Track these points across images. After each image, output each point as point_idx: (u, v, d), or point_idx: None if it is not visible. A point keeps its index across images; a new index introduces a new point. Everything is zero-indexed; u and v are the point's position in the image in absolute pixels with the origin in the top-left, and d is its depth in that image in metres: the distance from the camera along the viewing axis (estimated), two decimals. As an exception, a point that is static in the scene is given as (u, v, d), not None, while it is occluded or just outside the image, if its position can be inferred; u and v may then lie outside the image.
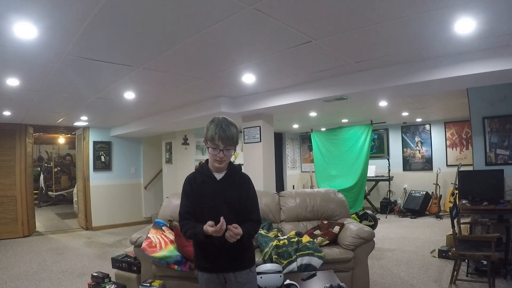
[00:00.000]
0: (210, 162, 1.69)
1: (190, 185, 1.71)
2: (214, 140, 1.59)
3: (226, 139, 1.59)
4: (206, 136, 1.64)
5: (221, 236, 1.53)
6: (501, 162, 4.00)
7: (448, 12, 2.13)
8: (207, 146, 1.65)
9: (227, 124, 1.61)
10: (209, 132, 1.61)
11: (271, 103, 4.26)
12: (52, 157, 11.53)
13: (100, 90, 3.96)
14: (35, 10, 1.97)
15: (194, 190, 1.69)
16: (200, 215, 1.64)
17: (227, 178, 1.71)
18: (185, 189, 1.72)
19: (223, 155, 1.61)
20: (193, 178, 1.72)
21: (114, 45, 2.58)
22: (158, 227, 3.39)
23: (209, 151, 1.63)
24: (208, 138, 1.62)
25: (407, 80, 3.20)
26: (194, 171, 1.78)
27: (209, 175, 1.70)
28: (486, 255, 3.03)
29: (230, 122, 1.63)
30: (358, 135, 6.06)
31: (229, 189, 1.68)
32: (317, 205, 3.74)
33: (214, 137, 1.59)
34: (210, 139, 1.60)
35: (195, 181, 1.70)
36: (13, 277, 3.89)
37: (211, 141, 1.60)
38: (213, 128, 1.60)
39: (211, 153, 1.63)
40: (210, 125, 1.62)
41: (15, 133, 6.17)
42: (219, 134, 1.58)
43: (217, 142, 1.59)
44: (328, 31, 2.42)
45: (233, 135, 1.61)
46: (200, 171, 1.73)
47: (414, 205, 7.28)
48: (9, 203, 6.03)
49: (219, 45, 2.65)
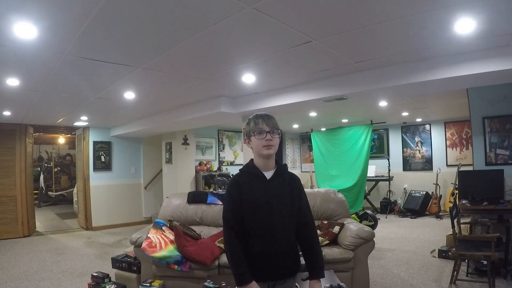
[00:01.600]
0: (257, 153, 1.56)
1: (238, 188, 1.54)
2: (258, 124, 1.52)
3: (270, 122, 1.54)
4: (249, 128, 1.56)
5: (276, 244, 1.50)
6: (501, 162, 4.00)
7: (448, 12, 2.13)
8: (250, 138, 1.56)
9: (267, 114, 1.58)
10: (250, 123, 1.56)
11: (271, 103, 4.26)
12: (52, 157, 11.52)
13: (100, 90, 3.96)
14: (35, 10, 1.97)
15: (242, 192, 1.53)
16: (249, 219, 1.52)
17: (277, 177, 1.58)
18: (231, 192, 1.55)
19: (271, 137, 1.52)
20: (240, 178, 1.58)
21: (114, 45, 2.58)
22: (158, 227, 3.39)
23: (256, 138, 1.52)
24: (251, 129, 1.54)
25: (407, 80, 3.20)
26: (239, 171, 1.62)
27: (258, 173, 1.56)
28: (486, 255, 3.03)
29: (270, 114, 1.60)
30: (358, 135, 6.05)
31: (281, 189, 1.57)
32: (317, 205, 3.74)
33: (257, 121, 1.53)
34: (254, 126, 1.54)
35: (243, 181, 1.56)
36: (13, 277, 3.89)
37: (255, 127, 1.53)
38: (253, 118, 1.56)
39: (258, 138, 1.52)
40: (250, 120, 1.58)
41: (15, 133, 6.17)
42: (262, 119, 1.54)
43: (261, 126, 1.52)
44: (328, 31, 2.42)
45: (275, 121, 1.57)
46: (246, 170, 1.60)
47: (414, 205, 7.28)
48: (9, 203, 6.03)
49: (219, 45, 2.65)
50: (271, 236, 1.52)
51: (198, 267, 2.98)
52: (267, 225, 1.51)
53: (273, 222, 1.52)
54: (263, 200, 1.53)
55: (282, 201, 1.55)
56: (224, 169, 7.78)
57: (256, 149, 1.55)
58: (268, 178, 1.57)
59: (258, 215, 1.52)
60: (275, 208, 1.53)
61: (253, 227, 1.52)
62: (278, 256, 1.54)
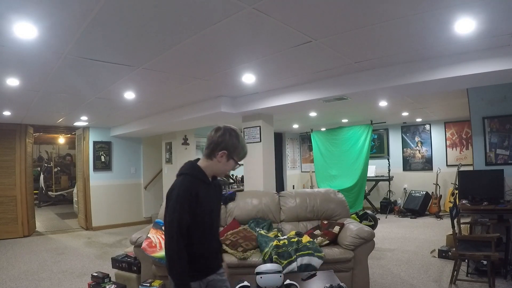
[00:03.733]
0: (219, 171, 1.64)
1: (196, 196, 1.52)
2: (241, 158, 1.65)
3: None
4: (237, 152, 1.60)
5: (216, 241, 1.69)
6: (501, 162, 4.00)
7: (448, 12, 2.13)
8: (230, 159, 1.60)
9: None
10: (243, 149, 1.63)
11: (271, 103, 4.26)
12: (52, 157, 11.53)
13: (100, 90, 3.96)
14: (35, 10, 1.97)
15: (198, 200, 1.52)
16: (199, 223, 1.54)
17: (214, 183, 1.66)
18: (189, 199, 1.50)
19: None
20: (195, 186, 1.55)
21: (114, 45, 2.58)
22: (158, 227, 3.39)
23: (228, 163, 1.61)
24: (239, 155, 1.62)
25: (407, 80, 3.20)
26: (192, 175, 1.58)
27: (207, 181, 1.61)
28: (486, 255, 3.03)
29: None
30: (358, 135, 6.06)
31: (217, 194, 1.71)
32: (317, 205, 3.74)
33: (243, 155, 1.65)
34: (242, 157, 1.64)
35: (199, 190, 1.54)
36: (13, 277, 3.89)
37: (240, 158, 1.64)
38: (244, 147, 1.64)
39: (229, 166, 1.62)
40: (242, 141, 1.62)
41: (15, 133, 6.17)
42: (246, 153, 1.66)
43: (241, 160, 1.66)
44: (328, 31, 2.42)
45: None
46: (198, 176, 1.58)
47: (414, 205, 7.28)
48: (9, 203, 6.03)
49: (219, 45, 2.65)
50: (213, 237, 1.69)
51: (198, 267, 2.98)
52: (212, 227, 1.62)
53: (213, 223, 1.67)
54: (210, 205, 1.61)
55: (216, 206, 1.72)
56: (224, 169, 7.76)
57: (223, 168, 1.63)
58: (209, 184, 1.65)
59: (207, 219, 1.60)
60: (215, 210, 1.68)
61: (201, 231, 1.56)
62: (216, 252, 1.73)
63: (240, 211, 3.75)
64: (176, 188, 1.53)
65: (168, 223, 1.48)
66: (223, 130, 1.60)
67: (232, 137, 1.59)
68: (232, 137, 1.59)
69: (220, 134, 1.59)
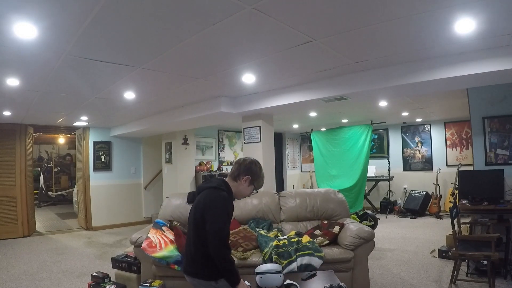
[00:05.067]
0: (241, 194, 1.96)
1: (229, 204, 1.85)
2: (259, 187, 1.98)
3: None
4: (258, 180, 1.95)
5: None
6: (501, 162, 3.99)
7: (448, 12, 2.13)
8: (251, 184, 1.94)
9: None
10: (262, 180, 1.98)
11: (271, 103, 4.26)
12: (52, 157, 11.53)
13: (100, 90, 3.96)
14: (35, 10, 1.97)
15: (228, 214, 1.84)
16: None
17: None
18: (230, 212, 1.84)
19: None
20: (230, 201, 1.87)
21: (114, 45, 2.58)
22: (158, 227, 3.39)
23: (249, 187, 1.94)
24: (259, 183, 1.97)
25: (407, 80, 3.20)
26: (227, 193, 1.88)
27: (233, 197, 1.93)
28: (486, 255, 3.03)
29: None
30: (358, 135, 6.05)
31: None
32: (317, 205, 3.74)
33: (261, 185, 1.99)
34: (259, 185, 1.97)
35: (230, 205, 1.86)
36: (13, 277, 3.89)
37: (259, 185, 1.97)
38: (263, 178, 1.99)
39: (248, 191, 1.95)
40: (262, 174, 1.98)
41: (15, 133, 6.17)
42: (262, 185, 2.00)
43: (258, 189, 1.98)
44: (328, 31, 2.42)
45: None
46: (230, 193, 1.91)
47: (414, 205, 7.28)
48: (9, 203, 6.03)
49: (219, 45, 2.65)
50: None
51: (198, 267, 2.98)
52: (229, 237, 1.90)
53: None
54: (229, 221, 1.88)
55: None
56: (224, 169, 7.78)
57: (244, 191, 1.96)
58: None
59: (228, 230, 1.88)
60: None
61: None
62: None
63: (240, 211, 3.75)
64: (218, 200, 1.81)
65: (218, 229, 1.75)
66: (250, 160, 1.98)
67: (257, 167, 1.97)
68: (257, 168, 1.96)
69: (248, 162, 1.96)
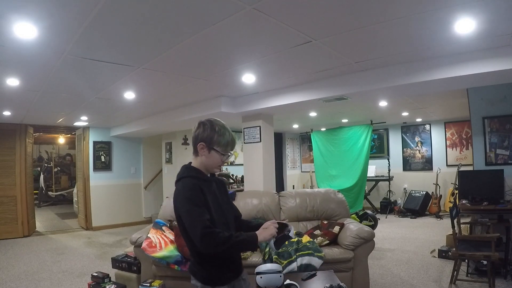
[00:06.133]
0: (210, 166, 1.57)
1: (201, 191, 1.48)
2: (227, 147, 1.55)
3: (234, 146, 1.60)
4: (217, 141, 1.53)
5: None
6: (501, 162, 4.00)
7: (448, 12, 2.13)
8: (211, 150, 1.53)
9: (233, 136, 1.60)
10: (223, 137, 1.53)
11: (271, 103, 4.26)
12: (52, 157, 11.53)
13: (100, 90, 3.96)
14: (35, 10, 1.97)
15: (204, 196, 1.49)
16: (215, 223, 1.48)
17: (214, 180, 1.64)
18: (196, 196, 1.45)
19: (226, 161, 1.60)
20: (198, 183, 1.50)
21: (114, 45, 2.58)
22: (158, 227, 3.39)
23: (220, 157, 1.55)
24: (220, 144, 1.53)
25: (407, 80, 3.20)
26: (190, 176, 1.54)
27: (208, 179, 1.58)
28: (486, 255, 3.03)
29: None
30: (358, 135, 6.06)
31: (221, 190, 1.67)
32: (317, 205, 3.74)
33: (229, 143, 1.55)
34: (224, 145, 1.54)
35: (202, 187, 1.50)
36: (13, 277, 3.89)
37: (224, 147, 1.54)
38: (227, 134, 1.55)
39: (221, 159, 1.56)
40: (219, 129, 1.54)
41: (15, 133, 6.17)
42: (233, 140, 1.57)
43: (231, 150, 1.58)
44: (328, 31, 2.42)
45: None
46: (196, 176, 1.54)
47: (414, 205, 7.28)
48: (9, 203, 6.03)
49: (219, 45, 2.65)
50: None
51: (198, 267, 2.98)
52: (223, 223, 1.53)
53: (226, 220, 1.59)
54: (216, 201, 1.56)
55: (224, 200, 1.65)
56: (224, 169, 7.78)
57: (209, 161, 1.56)
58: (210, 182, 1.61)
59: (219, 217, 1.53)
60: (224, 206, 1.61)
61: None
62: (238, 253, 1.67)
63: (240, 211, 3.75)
64: (180, 192, 1.48)
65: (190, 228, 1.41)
66: (197, 124, 1.58)
67: (207, 128, 1.54)
68: (207, 128, 1.54)
69: (195, 128, 1.57)
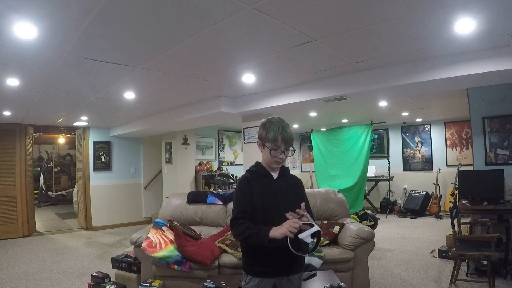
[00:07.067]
0: (267, 162, 1.65)
1: (248, 183, 1.61)
2: (276, 142, 1.58)
3: (288, 141, 1.60)
4: (266, 137, 1.60)
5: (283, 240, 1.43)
6: (501, 162, 4.00)
7: (448, 12, 2.13)
8: (264, 146, 1.62)
9: (287, 125, 1.62)
10: (270, 133, 1.58)
11: (271, 103, 4.26)
12: (52, 157, 11.53)
13: (100, 90, 3.96)
14: (35, 10, 1.97)
15: (252, 188, 1.60)
16: (259, 216, 1.56)
17: (282, 178, 1.68)
18: (242, 188, 1.61)
19: (284, 156, 1.61)
20: (251, 176, 1.64)
21: (114, 45, 2.58)
22: (158, 227, 3.39)
23: (270, 153, 1.59)
24: (269, 140, 1.58)
25: (407, 80, 3.20)
26: (248, 170, 1.68)
27: (267, 174, 1.65)
28: (486, 255, 3.03)
29: (287, 124, 1.65)
30: (358, 135, 6.06)
31: (287, 189, 1.66)
32: (317, 205, 3.74)
33: (277, 138, 1.57)
34: (272, 141, 1.58)
35: (253, 180, 1.62)
36: (13, 277, 3.89)
37: (273, 142, 1.58)
38: (275, 129, 1.58)
39: (272, 154, 1.59)
40: (269, 126, 1.60)
41: (15, 133, 6.17)
42: (282, 135, 1.57)
43: (279, 144, 1.58)
44: (328, 31, 2.42)
45: (292, 136, 1.63)
46: (255, 170, 1.67)
47: (414, 205, 7.28)
48: (9, 203, 6.03)
49: (219, 45, 2.65)
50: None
51: (198, 267, 2.98)
52: (274, 221, 1.50)
53: (280, 218, 1.50)
54: (271, 197, 1.60)
55: (288, 199, 1.62)
56: (224, 169, 7.78)
57: (267, 159, 1.64)
58: (275, 178, 1.66)
59: (267, 211, 1.58)
60: (281, 205, 1.58)
61: (263, 223, 1.52)
62: (282, 251, 1.51)
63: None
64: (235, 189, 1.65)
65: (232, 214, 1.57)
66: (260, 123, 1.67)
67: (261, 126, 1.64)
68: (261, 126, 1.64)
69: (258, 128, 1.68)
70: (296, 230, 1.42)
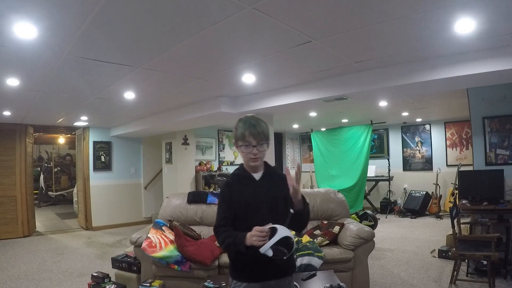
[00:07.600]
0: (245, 162, 1.62)
1: (228, 188, 1.60)
2: (245, 137, 1.53)
3: (258, 134, 1.53)
4: (236, 136, 1.57)
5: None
6: (501, 162, 4.00)
7: (448, 12, 2.13)
8: (238, 146, 1.58)
9: (256, 120, 1.57)
10: (238, 130, 1.56)
11: (271, 103, 4.26)
12: (52, 157, 11.52)
13: (100, 90, 3.96)
14: (35, 10, 1.97)
15: (232, 192, 1.58)
16: (241, 219, 1.55)
17: (266, 177, 1.62)
18: (222, 194, 1.62)
19: (257, 151, 1.54)
20: (231, 181, 1.63)
21: (114, 45, 2.58)
22: (158, 227, 3.39)
23: (242, 150, 1.56)
24: (238, 137, 1.56)
25: (407, 80, 3.20)
26: (232, 174, 1.67)
27: (247, 175, 1.61)
28: (486, 255, 3.03)
29: (259, 118, 1.59)
30: (358, 135, 6.06)
31: (271, 189, 1.60)
32: (317, 205, 3.74)
33: (244, 134, 1.53)
34: (241, 137, 1.54)
35: (233, 183, 1.61)
36: (13, 277, 3.89)
37: (242, 139, 1.54)
38: (242, 126, 1.55)
39: (244, 151, 1.55)
40: (238, 124, 1.57)
41: (15, 133, 6.17)
42: (250, 130, 1.52)
43: (248, 139, 1.52)
44: (328, 31, 2.42)
45: (263, 130, 1.56)
46: (236, 173, 1.65)
47: (414, 205, 7.28)
48: (9, 203, 6.03)
49: (219, 45, 2.65)
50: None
51: (198, 267, 2.99)
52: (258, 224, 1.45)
53: (263, 221, 1.47)
54: (253, 200, 1.56)
55: (273, 199, 1.58)
56: (224, 169, 7.78)
57: (243, 159, 1.61)
58: (258, 179, 1.61)
59: (249, 214, 1.55)
60: (265, 207, 1.56)
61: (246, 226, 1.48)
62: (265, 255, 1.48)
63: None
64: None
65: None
66: None
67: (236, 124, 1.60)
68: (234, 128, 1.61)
69: None
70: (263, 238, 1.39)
